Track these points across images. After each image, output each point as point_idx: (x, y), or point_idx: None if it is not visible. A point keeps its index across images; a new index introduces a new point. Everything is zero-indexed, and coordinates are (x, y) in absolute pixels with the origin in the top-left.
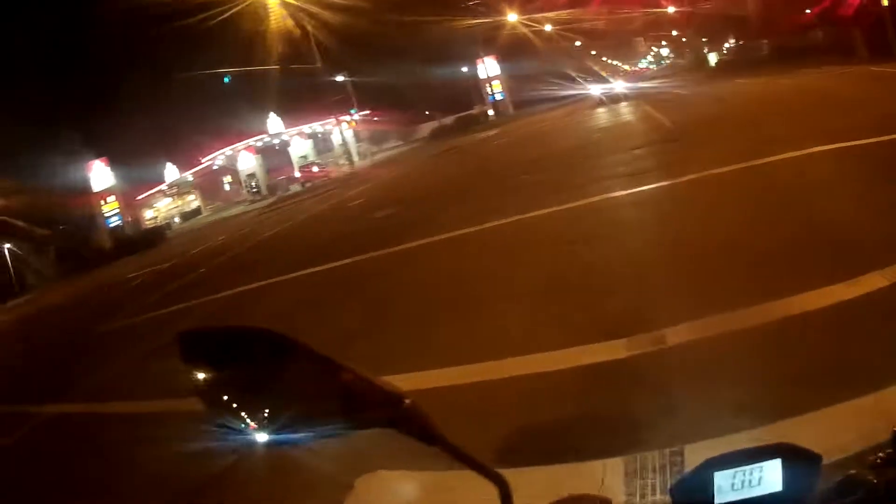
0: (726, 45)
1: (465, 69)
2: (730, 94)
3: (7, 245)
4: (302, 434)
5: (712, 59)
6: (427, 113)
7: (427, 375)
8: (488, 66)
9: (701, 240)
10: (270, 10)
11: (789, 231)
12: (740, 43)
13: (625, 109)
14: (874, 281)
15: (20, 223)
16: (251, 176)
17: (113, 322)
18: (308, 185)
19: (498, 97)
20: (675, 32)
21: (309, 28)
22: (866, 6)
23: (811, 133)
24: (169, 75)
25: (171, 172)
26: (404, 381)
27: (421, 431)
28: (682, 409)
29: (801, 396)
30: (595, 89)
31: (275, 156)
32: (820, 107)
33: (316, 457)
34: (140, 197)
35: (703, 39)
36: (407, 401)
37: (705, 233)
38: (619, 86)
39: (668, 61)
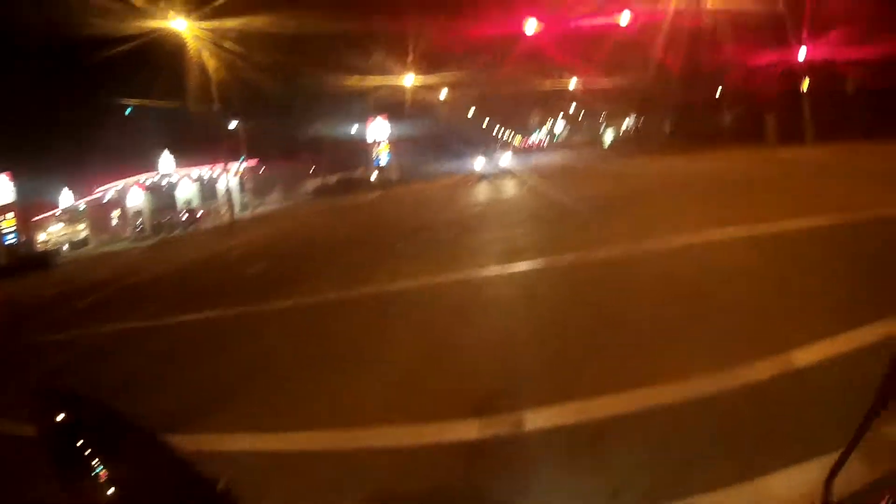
0: (626, 122)
1: (355, 128)
2: (623, 175)
3: None
4: None
5: (609, 136)
6: (313, 169)
7: (275, 438)
8: (377, 129)
9: (569, 322)
10: (181, 48)
11: (666, 315)
12: (641, 121)
13: (512, 183)
14: (757, 370)
15: None
16: (138, 213)
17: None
18: (191, 228)
19: (384, 161)
20: (573, 106)
21: (211, 71)
22: (783, 91)
23: (705, 219)
24: (77, 98)
25: (66, 198)
26: (248, 441)
27: None
28: (527, 496)
29: (658, 488)
30: (485, 160)
31: (162, 196)
32: (719, 192)
33: None
34: (36, 218)
35: (602, 114)
36: (220, 485)
37: (576, 315)
38: (509, 158)
39: (562, 136)
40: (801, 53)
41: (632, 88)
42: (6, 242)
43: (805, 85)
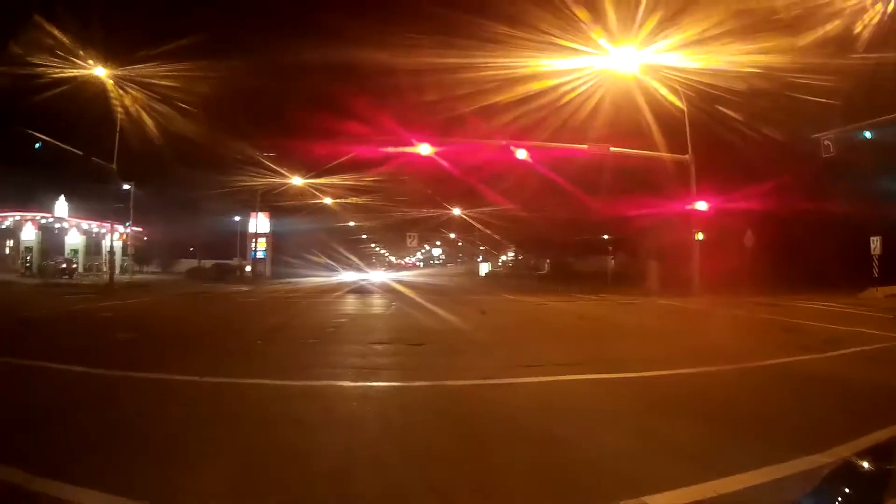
0: (504, 257)
1: (236, 218)
2: (492, 308)
3: None
4: None
5: (484, 268)
6: (192, 249)
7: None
8: (259, 223)
9: (411, 448)
10: (95, 98)
11: (506, 454)
12: (519, 258)
13: (381, 301)
14: None
15: None
16: (28, 250)
17: None
18: (67, 278)
19: (259, 255)
20: (452, 235)
21: (116, 130)
22: (678, 239)
23: (561, 359)
24: None
25: None
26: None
27: None
28: None
29: None
30: (357, 274)
31: (53, 239)
32: (579, 335)
33: None
34: None
35: (481, 248)
36: None
37: (422, 442)
38: (382, 276)
39: (438, 262)
40: (702, 204)
41: (516, 222)
42: None
43: (699, 235)
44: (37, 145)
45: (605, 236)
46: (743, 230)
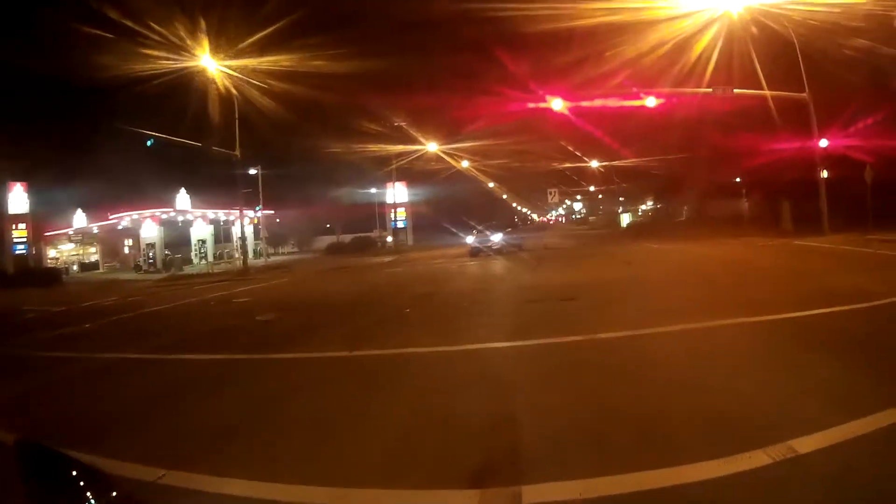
0: (643, 206)
1: (373, 190)
2: (638, 259)
3: None
4: None
5: (626, 219)
6: (328, 226)
7: (267, 487)
8: (396, 192)
9: (580, 403)
10: (206, 86)
11: (662, 405)
12: (658, 206)
13: (528, 258)
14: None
15: None
16: (150, 245)
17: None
18: (201, 266)
19: (400, 224)
20: (591, 188)
21: (236, 114)
22: (800, 178)
23: (708, 305)
24: (97, 125)
25: (79, 219)
26: (239, 487)
27: None
28: None
29: None
30: (501, 234)
31: (176, 232)
32: (733, 279)
33: None
34: (48, 234)
35: (620, 199)
36: None
37: (583, 398)
38: (527, 235)
39: (580, 216)
40: (822, 142)
41: (651, 171)
42: (16, 252)
43: (824, 173)
44: (148, 142)
45: (737, 179)
46: (863, 166)
